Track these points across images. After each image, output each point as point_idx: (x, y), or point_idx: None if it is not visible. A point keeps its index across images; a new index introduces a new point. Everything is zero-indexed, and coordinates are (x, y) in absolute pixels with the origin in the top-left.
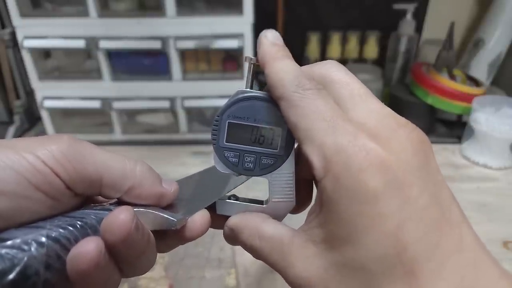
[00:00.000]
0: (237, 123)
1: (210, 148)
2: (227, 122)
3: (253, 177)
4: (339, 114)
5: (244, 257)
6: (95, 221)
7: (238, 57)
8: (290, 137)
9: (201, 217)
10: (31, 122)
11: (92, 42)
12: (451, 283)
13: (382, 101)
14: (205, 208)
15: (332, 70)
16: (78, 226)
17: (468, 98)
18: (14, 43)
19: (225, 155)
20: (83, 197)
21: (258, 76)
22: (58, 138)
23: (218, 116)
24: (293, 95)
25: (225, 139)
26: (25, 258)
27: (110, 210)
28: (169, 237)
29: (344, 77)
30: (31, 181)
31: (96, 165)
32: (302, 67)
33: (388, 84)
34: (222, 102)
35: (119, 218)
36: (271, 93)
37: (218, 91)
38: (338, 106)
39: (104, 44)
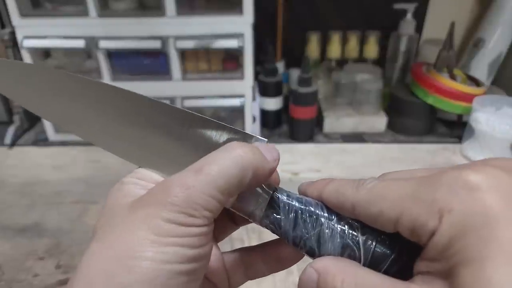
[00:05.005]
0: None
1: None
2: None
3: None
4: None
5: None
6: None
7: (238, 57)
8: None
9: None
10: (31, 122)
11: (92, 42)
12: None
13: (382, 101)
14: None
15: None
16: None
17: (468, 98)
18: (13, 43)
19: None
20: None
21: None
22: None
23: None
24: (361, 196)
25: None
26: None
27: None
28: None
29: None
30: None
31: None
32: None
33: (388, 84)
34: (222, 102)
35: None
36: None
37: (218, 91)
38: None
39: (104, 44)
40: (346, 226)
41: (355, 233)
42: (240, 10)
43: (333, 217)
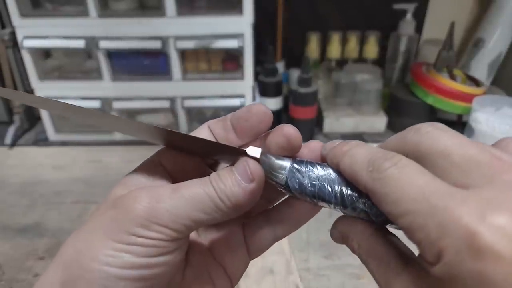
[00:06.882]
0: None
1: None
2: None
3: None
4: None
5: None
6: None
7: (238, 57)
8: None
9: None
10: (31, 122)
11: (92, 42)
12: None
13: (382, 101)
14: None
15: (425, 139)
16: None
17: (468, 98)
18: (14, 43)
19: None
20: None
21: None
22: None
23: None
24: (372, 184)
25: None
26: None
27: None
28: None
29: (444, 145)
30: None
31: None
32: (390, 138)
33: (388, 84)
34: (222, 102)
35: None
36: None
37: (218, 91)
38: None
39: (104, 44)
40: (358, 211)
41: (368, 211)
42: (240, 10)
43: (347, 205)
